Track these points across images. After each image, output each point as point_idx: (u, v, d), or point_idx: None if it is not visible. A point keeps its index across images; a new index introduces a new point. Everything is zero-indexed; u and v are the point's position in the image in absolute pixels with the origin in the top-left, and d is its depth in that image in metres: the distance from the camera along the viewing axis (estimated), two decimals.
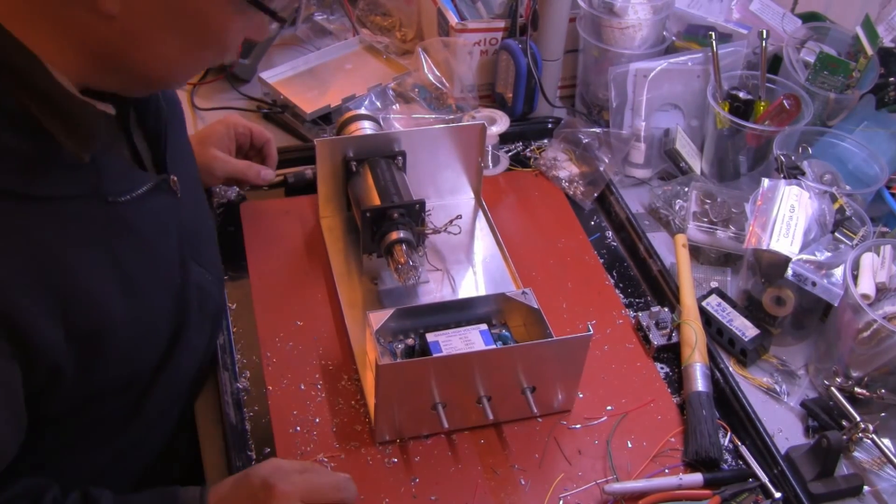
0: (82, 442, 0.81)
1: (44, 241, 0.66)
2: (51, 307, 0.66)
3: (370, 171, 1.06)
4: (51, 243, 0.66)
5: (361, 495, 0.84)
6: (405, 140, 1.09)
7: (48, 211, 0.66)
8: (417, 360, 0.86)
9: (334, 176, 1.10)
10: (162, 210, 0.79)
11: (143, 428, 0.85)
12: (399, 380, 0.84)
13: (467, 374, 0.86)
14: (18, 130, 0.63)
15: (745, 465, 0.89)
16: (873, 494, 0.89)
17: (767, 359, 1.02)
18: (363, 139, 1.09)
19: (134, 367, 0.79)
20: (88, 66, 0.66)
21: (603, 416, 0.94)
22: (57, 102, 0.64)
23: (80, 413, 0.76)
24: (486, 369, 0.86)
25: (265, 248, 1.11)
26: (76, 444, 0.80)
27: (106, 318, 0.71)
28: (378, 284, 1.06)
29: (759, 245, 0.99)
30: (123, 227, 0.73)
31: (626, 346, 1.02)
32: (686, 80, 1.26)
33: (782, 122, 1.17)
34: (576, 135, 1.29)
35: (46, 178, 0.66)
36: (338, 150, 1.08)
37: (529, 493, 0.86)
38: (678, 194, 1.21)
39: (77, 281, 0.68)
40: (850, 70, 1.18)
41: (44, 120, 0.64)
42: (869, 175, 1.12)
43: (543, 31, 1.31)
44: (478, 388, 0.87)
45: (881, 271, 0.94)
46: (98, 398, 0.77)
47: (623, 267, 1.14)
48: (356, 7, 1.61)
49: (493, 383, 0.87)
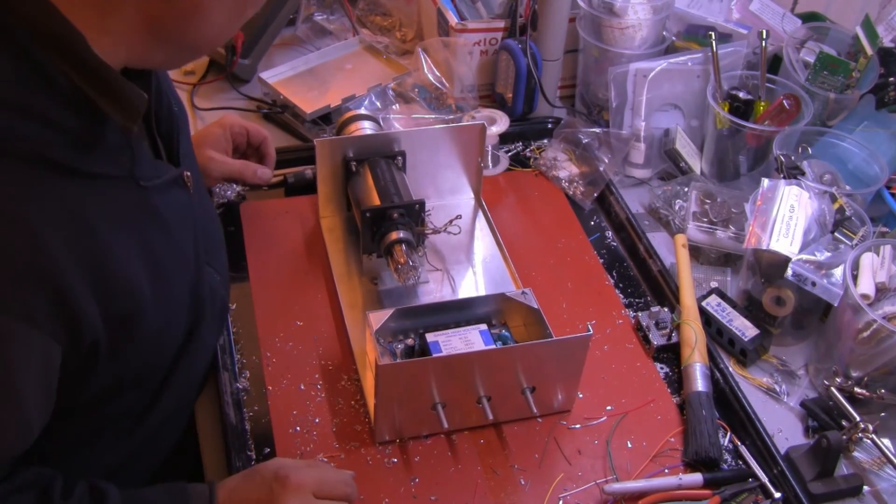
0: (97, 439, 0.81)
1: (87, 217, 0.66)
2: (92, 284, 0.66)
3: (370, 171, 1.06)
4: (94, 220, 0.67)
5: (361, 495, 0.84)
6: (405, 140, 1.09)
7: (92, 189, 0.67)
8: (417, 360, 0.86)
9: (334, 176, 1.10)
10: (181, 204, 0.80)
11: (157, 424, 0.85)
12: (399, 380, 0.84)
13: (467, 374, 0.86)
14: (70, 106, 0.64)
15: (745, 465, 0.89)
16: (873, 494, 0.89)
17: (767, 359, 1.02)
18: (363, 139, 1.09)
19: (157, 356, 0.79)
20: (138, 42, 0.67)
21: (603, 416, 0.94)
22: (107, 80, 0.65)
23: (100, 405, 0.77)
24: (485, 369, 0.86)
25: (265, 249, 1.11)
26: (91, 441, 0.81)
27: (139, 300, 0.72)
28: (378, 284, 1.06)
29: (759, 245, 0.99)
30: (154, 213, 0.75)
31: (626, 346, 1.02)
32: (686, 80, 1.26)
33: (782, 122, 1.17)
34: (576, 135, 1.29)
35: (93, 155, 0.67)
36: (338, 150, 1.08)
37: (529, 493, 0.86)
38: (678, 194, 1.21)
39: (115, 261, 0.69)
40: (849, 70, 1.18)
41: (94, 96, 0.64)
42: (869, 175, 1.12)
43: (543, 31, 1.31)
44: (477, 388, 0.87)
45: (881, 271, 0.94)
46: (119, 389, 0.77)
47: (623, 267, 1.14)
48: (356, 7, 1.61)
49: (493, 383, 0.88)
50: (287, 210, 1.17)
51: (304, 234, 1.14)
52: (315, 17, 1.59)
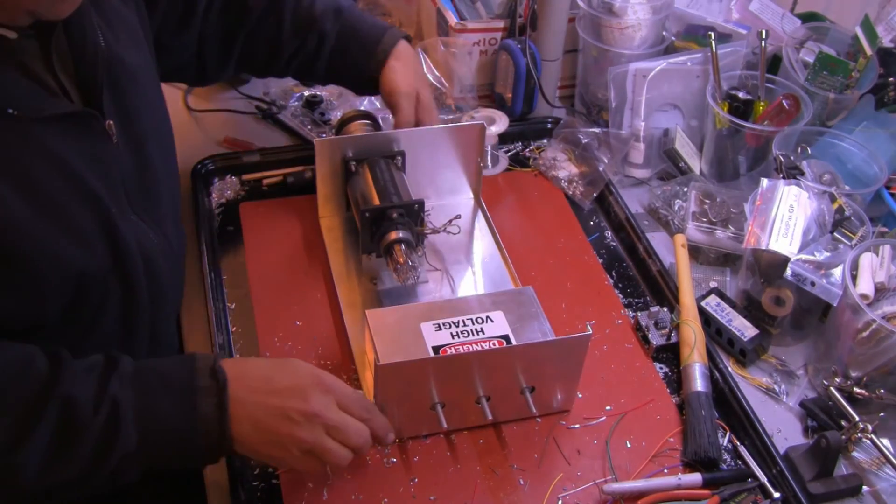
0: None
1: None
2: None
3: (369, 171, 1.06)
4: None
5: (361, 495, 0.84)
6: (404, 140, 1.09)
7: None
8: (417, 360, 0.86)
9: (333, 176, 1.10)
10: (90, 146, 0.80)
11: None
12: (398, 380, 0.84)
13: (466, 374, 0.86)
14: None
15: (744, 465, 0.89)
16: (872, 494, 0.89)
17: (766, 359, 1.02)
18: (362, 139, 1.09)
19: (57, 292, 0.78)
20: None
21: (602, 416, 0.94)
22: None
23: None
24: (485, 369, 0.86)
25: (265, 248, 1.12)
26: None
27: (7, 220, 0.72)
28: (377, 284, 1.06)
29: (759, 245, 0.99)
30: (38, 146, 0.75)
31: (626, 346, 1.02)
32: (685, 80, 1.26)
33: (781, 123, 1.17)
34: (575, 135, 1.29)
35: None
36: (337, 150, 1.08)
37: (528, 493, 0.86)
38: (677, 194, 1.21)
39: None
40: (849, 70, 1.18)
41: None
42: (868, 175, 1.12)
43: (543, 31, 1.31)
44: (477, 388, 0.87)
45: (880, 271, 0.94)
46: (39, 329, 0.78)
47: (622, 267, 1.14)
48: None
49: (493, 383, 0.88)
50: (287, 210, 1.17)
51: (304, 233, 1.14)
52: None
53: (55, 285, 0.78)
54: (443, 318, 0.91)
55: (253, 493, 0.85)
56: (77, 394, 0.71)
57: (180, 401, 0.75)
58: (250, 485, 0.86)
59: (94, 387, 0.72)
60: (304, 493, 0.84)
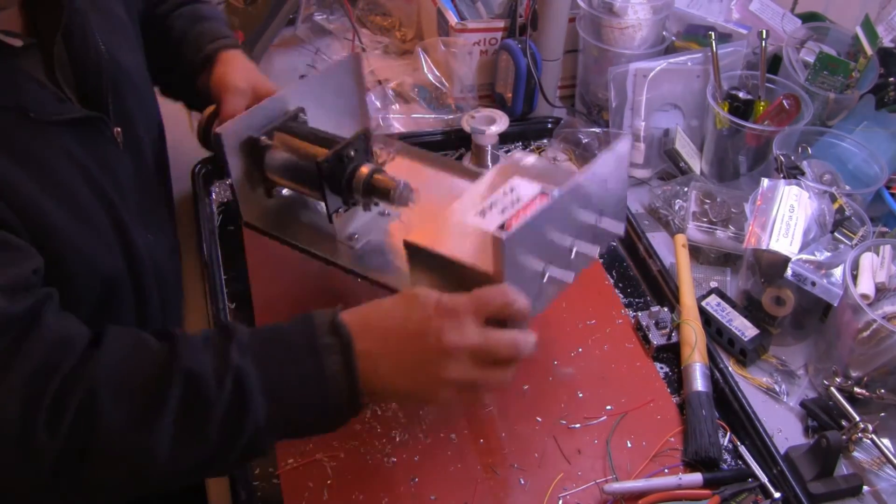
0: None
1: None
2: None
3: (289, 133, 0.96)
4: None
5: (361, 494, 0.84)
6: (293, 97, 1.00)
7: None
8: (535, 214, 0.77)
9: (247, 163, 0.97)
10: (105, 154, 0.81)
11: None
12: (522, 248, 0.76)
13: (561, 221, 0.81)
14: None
15: (745, 464, 0.89)
16: (873, 494, 0.89)
17: (767, 359, 1.02)
18: (259, 110, 0.97)
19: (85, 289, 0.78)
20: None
21: (602, 416, 0.94)
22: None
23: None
24: (573, 209, 0.81)
25: (264, 248, 1.11)
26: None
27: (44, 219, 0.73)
28: (355, 243, 0.98)
29: (759, 245, 0.99)
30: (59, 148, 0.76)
31: (626, 345, 1.02)
32: (686, 80, 1.27)
33: (782, 122, 1.17)
34: (575, 135, 1.29)
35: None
36: (243, 132, 0.95)
37: (529, 493, 0.86)
38: (678, 194, 1.21)
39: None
40: (849, 70, 1.18)
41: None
42: (868, 175, 1.12)
43: (543, 31, 1.31)
44: (565, 236, 0.83)
45: (881, 271, 0.94)
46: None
47: (623, 267, 1.14)
48: (356, 7, 1.61)
49: (577, 227, 0.83)
50: None
51: None
52: (315, 17, 1.59)
53: (89, 289, 0.77)
54: (478, 206, 0.82)
55: (253, 494, 0.85)
56: (198, 368, 0.66)
57: (305, 363, 0.69)
58: (250, 485, 0.86)
59: (215, 359, 0.68)
60: (304, 493, 0.84)
